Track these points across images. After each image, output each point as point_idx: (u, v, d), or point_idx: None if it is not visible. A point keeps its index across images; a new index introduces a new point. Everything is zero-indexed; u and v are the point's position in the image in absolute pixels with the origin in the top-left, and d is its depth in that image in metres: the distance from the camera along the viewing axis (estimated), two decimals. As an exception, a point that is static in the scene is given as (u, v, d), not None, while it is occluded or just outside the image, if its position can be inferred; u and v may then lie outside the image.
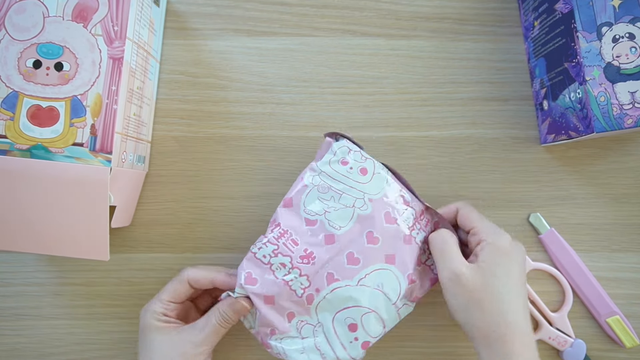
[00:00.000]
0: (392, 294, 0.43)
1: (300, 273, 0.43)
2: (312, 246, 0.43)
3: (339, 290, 0.42)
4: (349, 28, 0.53)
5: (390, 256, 0.43)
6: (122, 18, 0.43)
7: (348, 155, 0.44)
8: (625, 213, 0.51)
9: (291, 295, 0.43)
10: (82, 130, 0.42)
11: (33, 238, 0.42)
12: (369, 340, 0.43)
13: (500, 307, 0.39)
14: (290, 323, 0.43)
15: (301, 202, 0.44)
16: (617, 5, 0.42)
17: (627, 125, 0.42)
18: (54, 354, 0.50)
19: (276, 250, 0.43)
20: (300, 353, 0.43)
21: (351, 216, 0.43)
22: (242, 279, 0.42)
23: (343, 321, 0.43)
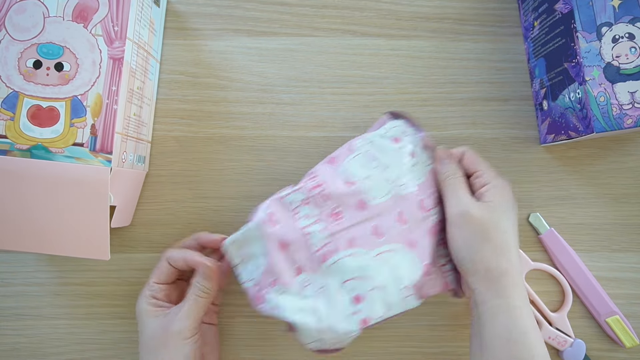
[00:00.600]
0: (405, 278, 0.42)
1: (323, 229, 0.42)
2: (342, 206, 0.42)
3: (355, 258, 0.42)
4: (349, 28, 0.53)
5: (414, 241, 0.43)
6: (122, 18, 0.43)
7: (401, 135, 0.45)
8: (625, 213, 0.51)
9: (307, 249, 0.42)
10: (82, 130, 0.42)
11: (33, 238, 0.42)
12: (369, 319, 0.41)
13: (507, 243, 0.41)
14: (296, 278, 0.42)
15: (345, 162, 0.44)
16: (616, 6, 0.42)
17: (626, 125, 0.42)
18: (54, 354, 0.50)
19: (306, 200, 0.42)
20: (296, 312, 0.40)
21: (388, 191, 0.43)
22: (264, 216, 0.41)
23: (349, 291, 0.41)
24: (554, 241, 0.50)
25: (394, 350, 0.50)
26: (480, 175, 0.44)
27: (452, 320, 0.51)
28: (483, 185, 0.43)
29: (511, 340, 0.39)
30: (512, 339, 0.39)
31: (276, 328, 0.50)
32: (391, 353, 0.50)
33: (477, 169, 0.44)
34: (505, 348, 0.39)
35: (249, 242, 0.42)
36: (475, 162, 0.45)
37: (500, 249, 0.41)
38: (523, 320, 0.40)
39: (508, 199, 0.43)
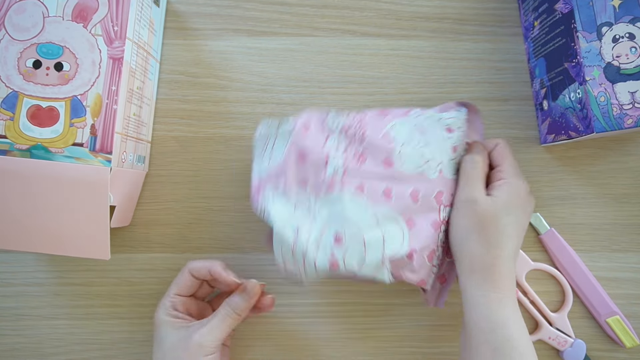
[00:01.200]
0: (388, 249, 0.41)
1: (344, 161, 0.42)
2: (370, 154, 0.42)
3: (355, 203, 0.41)
4: (349, 28, 0.53)
5: (413, 223, 0.42)
6: (122, 18, 0.43)
7: (457, 128, 0.45)
8: (625, 213, 0.51)
9: (320, 172, 0.42)
10: (82, 130, 0.42)
11: (34, 237, 0.42)
12: (339, 264, 0.41)
13: (500, 239, 0.41)
14: (298, 191, 0.42)
15: (394, 120, 0.44)
16: (617, 5, 0.42)
17: (627, 125, 0.42)
18: (54, 354, 0.50)
19: (345, 128, 0.43)
20: (281, 220, 0.41)
21: (418, 167, 0.43)
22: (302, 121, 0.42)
23: (335, 228, 0.41)
24: (554, 241, 0.50)
25: (394, 350, 0.50)
26: (501, 170, 0.44)
27: (452, 321, 0.51)
28: (499, 179, 0.43)
29: (488, 330, 0.40)
30: (490, 328, 0.40)
31: (276, 328, 0.50)
32: (391, 353, 0.50)
33: (500, 163, 0.44)
34: (484, 337, 0.40)
35: (278, 137, 0.43)
36: (501, 156, 0.45)
37: (491, 244, 0.41)
38: (502, 310, 0.40)
39: (518, 199, 0.43)
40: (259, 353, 0.50)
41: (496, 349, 0.39)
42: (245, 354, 0.50)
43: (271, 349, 0.50)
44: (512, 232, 0.42)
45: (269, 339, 0.50)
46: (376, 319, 0.50)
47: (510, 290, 0.41)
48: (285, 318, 0.50)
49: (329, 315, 0.51)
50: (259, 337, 0.50)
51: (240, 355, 0.50)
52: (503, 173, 0.44)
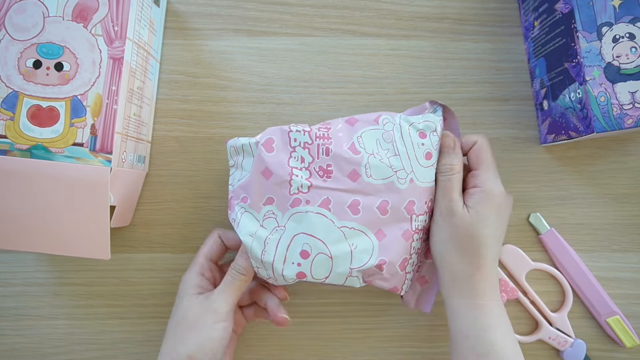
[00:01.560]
0: (356, 261, 0.41)
1: (308, 177, 0.42)
2: (336, 168, 0.42)
3: (320, 218, 0.42)
4: (349, 28, 0.53)
5: (382, 234, 0.42)
6: (122, 18, 0.43)
7: (430, 133, 0.44)
8: (625, 213, 0.51)
9: (285, 188, 0.42)
10: (82, 130, 0.42)
11: (34, 237, 0.42)
12: (306, 275, 0.41)
13: (480, 251, 0.41)
14: (264, 207, 0.43)
15: (361, 130, 0.43)
16: (617, 5, 0.42)
17: (627, 125, 0.42)
18: (54, 354, 0.50)
19: (308, 144, 0.43)
20: (250, 235, 0.42)
21: (386, 177, 0.42)
22: (265, 139, 0.43)
23: (302, 243, 0.41)
24: (554, 241, 0.50)
25: (394, 350, 0.50)
26: (477, 175, 0.43)
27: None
28: (473, 186, 0.43)
29: (471, 337, 0.40)
30: (475, 336, 0.40)
31: (276, 328, 0.50)
32: (391, 353, 0.50)
33: (476, 167, 0.44)
34: (469, 344, 0.40)
35: (245, 154, 0.44)
36: (477, 159, 0.44)
37: (471, 256, 0.41)
38: (485, 317, 0.40)
39: (494, 207, 0.42)
40: (260, 353, 0.50)
41: (481, 355, 0.39)
42: (245, 354, 0.50)
43: (272, 349, 0.50)
44: (491, 241, 0.42)
45: (269, 339, 0.50)
46: (376, 319, 0.51)
47: (493, 296, 0.41)
48: (285, 318, 0.50)
49: (329, 315, 0.51)
50: (259, 337, 0.50)
51: (241, 355, 0.50)
52: (478, 179, 0.43)
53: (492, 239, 0.42)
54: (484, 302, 0.41)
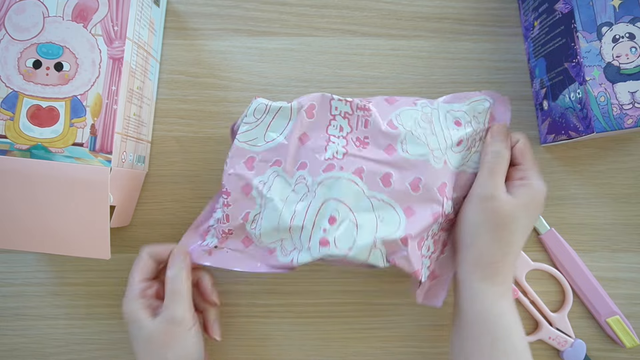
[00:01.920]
0: (381, 232, 0.40)
1: (345, 145, 0.42)
2: (372, 140, 0.42)
3: (352, 185, 0.41)
4: (349, 28, 0.53)
5: (411, 210, 0.42)
6: (122, 18, 0.43)
7: (465, 123, 0.44)
8: (625, 213, 0.51)
9: (320, 153, 0.42)
10: (82, 130, 0.42)
11: (34, 237, 0.42)
12: (329, 241, 0.40)
13: (512, 239, 0.41)
14: (297, 172, 0.43)
15: (399, 109, 0.44)
16: (617, 5, 0.42)
17: (627, 125, 0.42)
18: (54, 354, 0.50)
19: (349, 114, 0.43)
20: (281, 199, 0.42)
21: (423, 154, 0.42)
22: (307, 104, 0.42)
23: (330, 209, 0.41)
24: (554, 241, 0.50)
25: (394, 350, 0.50)
26: (523, 169, 0.43)
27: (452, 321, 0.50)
28: (520, 178, 0.43)
29: (490, 321, 0.40)
30: (492, 320, 0.40)
31: (276, 328, 0.50)
32: (391, 353, 0.50)
33: (522, 161, 0.44)
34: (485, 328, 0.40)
35: (279, 115, 0.43)
36: (523, 154, 0.44)
37: (501, 244, 0.41)
38: (502, 303, 0.41)
39: (536, 204, 0.42)
40: (260, 353, 0.50)
41: (496, 339, 0.40)
42: (245, 353, 0.50)
43: (271, 349, 0.50)
44: (523, 233, 0.42)
45: (268, 339, 0.50)
46: (376, 319, 0.50)
47: (509, 286, 0.42)
48: (285, 318, 0.50)
49: (329, 315, 0.51)
50: (259, 337, 0.50)
51: (241, 355, 0.50)
52: (526, 172, 0.43)
53: (524, 230, 0.42)
54: (503, 289, 0.41)
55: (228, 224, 0.44)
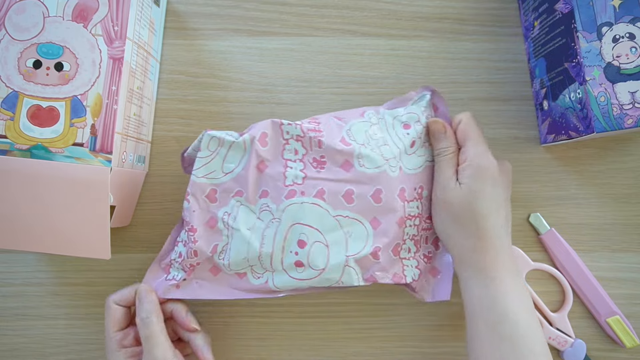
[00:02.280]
0: (352, 249, 0.42)
1: (302, 169, 0.43)
2: (329, 159, 0.43)
3: (316, 208, 0.42)
4: (349, 28, 0.53)
5: (377, 222, 0.43)
6: (122, 18, 0.43)
7: (414, 123, 0.45)
8: (625, 213, 0.51)
9: (280, 180, 0.43)
10: (82, 130, 0.42)
11: (34, 237, 0.42)
12: (303, 262, 0.42)
13: (477, 223, 0.41)
14: (260, 200, 0.43)
15: (349, 124, 0.44)
16: (617, 5, 0.42)
17: (627, 125, 0.42)
18: (54, 354, 0.50)
19: (301, 137, 0.43)
20: (247, 229, 0.43)
21: (379, 166, 0.43)
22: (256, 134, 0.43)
23: (298, 233, 0.42)
24: (554, 241, 0.50)
25: (394, 350, 0.50)
26: (465, 151, 0.43)
27: (452, 320, 0.51)
28: (463, 162, 0.43)
29: (484, 308, 0.40)
30: (485, 306, 0.40)
31: (277, 328, 0.50)
32: (391, 353, 0.50)
33: (463, 143, 0.44)
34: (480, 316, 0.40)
35: (233, 148, 0.43)
36: (464, 135, 0.44)
37: (470, 230, 0.41)
38: (497, 287, 0.40)
39: (487, 180, 0.41)
40: (260, 353, 0.50)
41: (494, 324, 0.40)
42: (245, 353, 0.50)
43: (272, 349, 0.50)
44: (487, 212, 0.41)
45: (269, 339, 0.50)
46: (376, 319, 0.50)
47: (505, 267, 0.41)
48: (285, 318, 0.50)
49: (329, 315, 0.51)
50: (258, 337, 0.50)
51: (241, 355, 0.50)
52: (466, 154, 0.43)
53: (488, 209, 0.41)
54: (496, 273, 0.41)
55: (196, 258, 0.44)
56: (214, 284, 0.45)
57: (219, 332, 0.50)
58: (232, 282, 0.44)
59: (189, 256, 0.44)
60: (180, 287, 0.45)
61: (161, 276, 0.45)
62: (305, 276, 0.42)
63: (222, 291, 0.44)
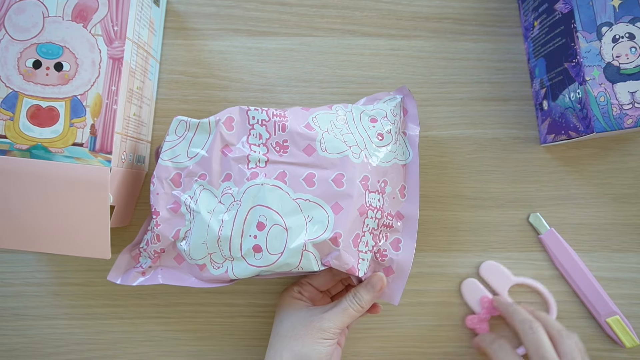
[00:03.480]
0: (311, 233, 0.41)
1: (265, 153, 0.43)
2: (292, 143, 0.43)
3: (277, 190, 0.42)
4: (349, 28, 0.53)
5: (339, 207, 0.42)
6: (122, 18, 0.43)
7: (381, 118, 0.46)
8: (625, 213, 0.51)
9: (243, 163, 0.43)
10: (82, 130, 0.42)
11: (34, 237, 0.42)
12: (262, 247, 0.41)
13: None
14: (222, 184, 0.44)
15: (315, 113, 0.45)
16: (617, 5, 0.42)
17: (627, 125, 0.42)
18: (54, 354, 0.50)
19: (266, 121, 0.44)
20: (208, 212, 0.43)
21: (341, 152, 0.43)
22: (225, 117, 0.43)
23: (257, 215, 0.42)
24: (554, 241, 0.50)
25: (394, 350, 0.50)
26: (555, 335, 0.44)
27: (452, 320, 0.51)
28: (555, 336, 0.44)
29: None
30: None
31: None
32: (391, 353, 0.50)
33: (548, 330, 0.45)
34: None
35: (199, 131, 0.44)
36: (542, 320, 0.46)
37: None
38: None
39: None
40: (260, 353, 0.50)
41: None
42: (245, 353, 0.50)
43: (271, 349, 0.50)
44: None
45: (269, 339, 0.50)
46: (376, 319, 0.51)
47: None
48: (285, 318, 0.50)
49: (329, 315, 0.50)
50: (259, 337, 0.50)
51: (241, 355, 0.50)
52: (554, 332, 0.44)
53: None
54: None
55: (159, 243, 0.44)
56: (178, 271, 0.46)
57: (219, 332, 0.50)
58: (194, 272, 0.45)
59: (152, 241, 0.44)
60: (146, 274, 0.46)
61: (131, 265, 0.47)
62: (264, 262, 0.41)
63: (184, 279, 0.45)
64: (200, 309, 0.50)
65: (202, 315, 0.50)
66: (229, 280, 0.44)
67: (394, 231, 0.45)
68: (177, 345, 0.50)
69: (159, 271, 0.46)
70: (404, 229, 0.45)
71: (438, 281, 0.51)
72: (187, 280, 0.45)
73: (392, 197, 0.45)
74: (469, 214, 0.51)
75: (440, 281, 0.51)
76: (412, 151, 0.47)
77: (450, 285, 0.51)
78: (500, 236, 0.51)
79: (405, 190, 0.46)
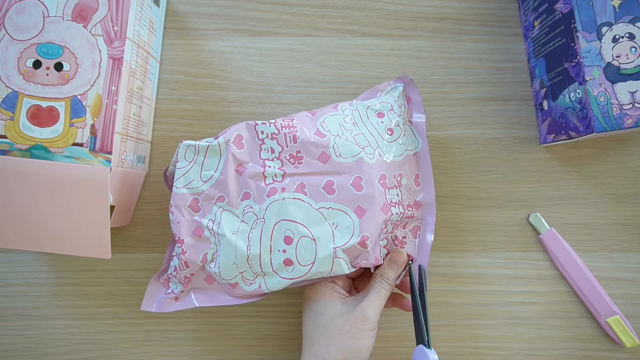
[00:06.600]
0: (339, 240, 0.41)
1: (280, 166, 0.43)
2: (305, 153, 0.43)
3: (299, 202, 0.42)
4: (349, 28, 0.53)
5: (362, 210, 0.42)
6: (122, 18, 0.43)
7: (387, 112, 0.46)
8: (625, 213, 0.51)
9: (259, 180, 0.43)
10: (82, 130, 0.42)
11: (34, 237, 0.42)
12: (293, 262, 0.42)
13: None
14: (242, 202, 0.43)
15: (323, 117, 0.45)
16: (617, 5, 0.42)
17: (627, 125, 0.42)
18: (54, 354, 0.50)
19: (276, 134, 0.43)
20: (233, 233, 0.43)
21: (355, 155, 0.43)
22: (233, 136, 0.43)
23: (283, 230, 0.42)
24: (554, 241, 0.50)
25: (394, 350, 0.50)
26: None
27: (452, 320, 0.51)
28: None
29: None
30: None
31: (276, 328, 0.50)
32: (391, 353, 0.50)
33: None
34: None
35: (209, 153, 0.44)
36: None
37: None
38: None
39: None
40: (260, 353, 0.50)
41: None
42: (245, 353, 0.50)
43: (272, 349, 0.50)
44: None
45: (269, 339, 0.50)
46: (376, 319, 0.50)
47: None
48: (285, 318, 0.50)
49: (329, 315, 0.50)
50: (259, 337, 0.50)
51: (241, 355, 0.50)
52: None
53: None
54: None
55: (189, 269, 0.44)
56: (211, 291, 0.45)
57: (219, 332, 0.50)
58: (226, 290, 0.45)
59: (181, 268, 0.44)
60: (179, 299, 0.45)
61: (162, 291, 0.46)
62: (296, 274, 0.42)
63: (218, 298, 0.45)
64: (200, 309, 0.50)
65: (202, 315, 0.50)
66: (262, 294, 0.44)
67: (414, 220, 0.46)
68: (177, 345, 0.50)
69: (191, 294, 0.45)
70: (424, 215, 0.46)
71: (438, 281, 0.51)
72: (222, 298, 0.45)
73: (409, 188, 0.46)
74: (469, 214, 0.51)
75: (440, 281, 0.51)
76: (421, 139, 0.47)
77: (450, 285, 0.51)
78: (500, 236, 0.51)
79: (419, 179, 0.47)
